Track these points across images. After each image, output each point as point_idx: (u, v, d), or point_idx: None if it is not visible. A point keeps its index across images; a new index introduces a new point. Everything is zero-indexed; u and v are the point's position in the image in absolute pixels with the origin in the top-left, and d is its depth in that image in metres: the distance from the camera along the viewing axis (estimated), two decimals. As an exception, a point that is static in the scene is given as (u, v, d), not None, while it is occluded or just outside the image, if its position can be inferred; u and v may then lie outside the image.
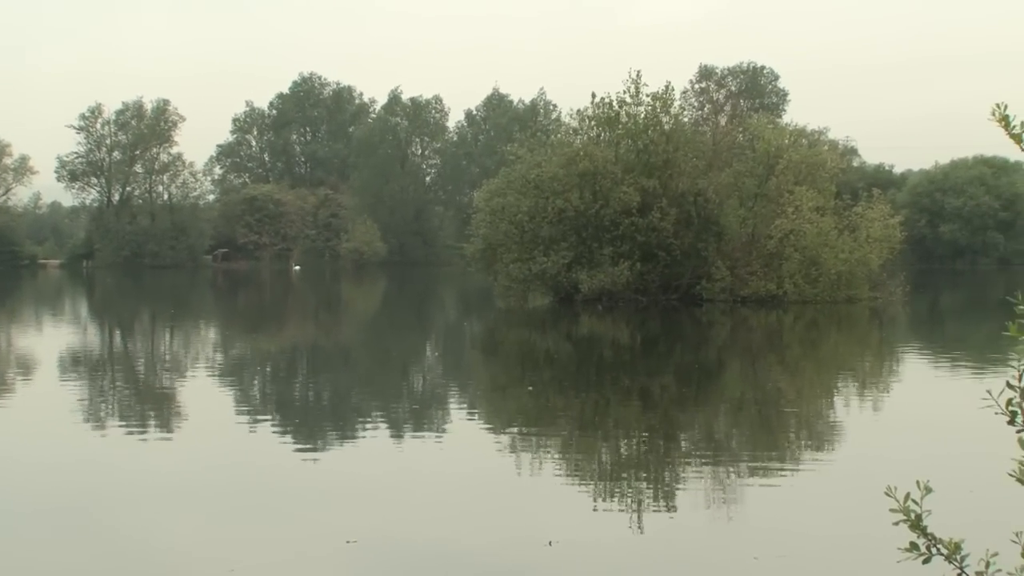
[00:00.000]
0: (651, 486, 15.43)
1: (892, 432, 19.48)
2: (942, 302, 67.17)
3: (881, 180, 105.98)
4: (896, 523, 3.43)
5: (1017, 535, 3.31)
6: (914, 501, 3.42)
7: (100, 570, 11.11)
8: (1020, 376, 3.41)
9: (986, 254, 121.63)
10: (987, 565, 3.43)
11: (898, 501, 3.39)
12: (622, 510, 13.76)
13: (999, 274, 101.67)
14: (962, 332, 44.76)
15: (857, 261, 51.97)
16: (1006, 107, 3.59)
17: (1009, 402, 3.43)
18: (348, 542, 11.68)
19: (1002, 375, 3.35)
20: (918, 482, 3.46)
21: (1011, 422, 3.42)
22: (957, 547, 3.38)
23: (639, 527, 12.78)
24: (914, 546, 3.40)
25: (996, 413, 3.44)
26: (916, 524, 3.37)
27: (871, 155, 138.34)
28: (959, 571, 3.41)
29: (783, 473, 15.85)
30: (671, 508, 13.85)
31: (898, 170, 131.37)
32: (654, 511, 13.78)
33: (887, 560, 3.52)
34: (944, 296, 73.16)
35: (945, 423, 19.84)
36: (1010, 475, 3.39)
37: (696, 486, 15.09)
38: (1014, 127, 3.58)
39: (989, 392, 3.50)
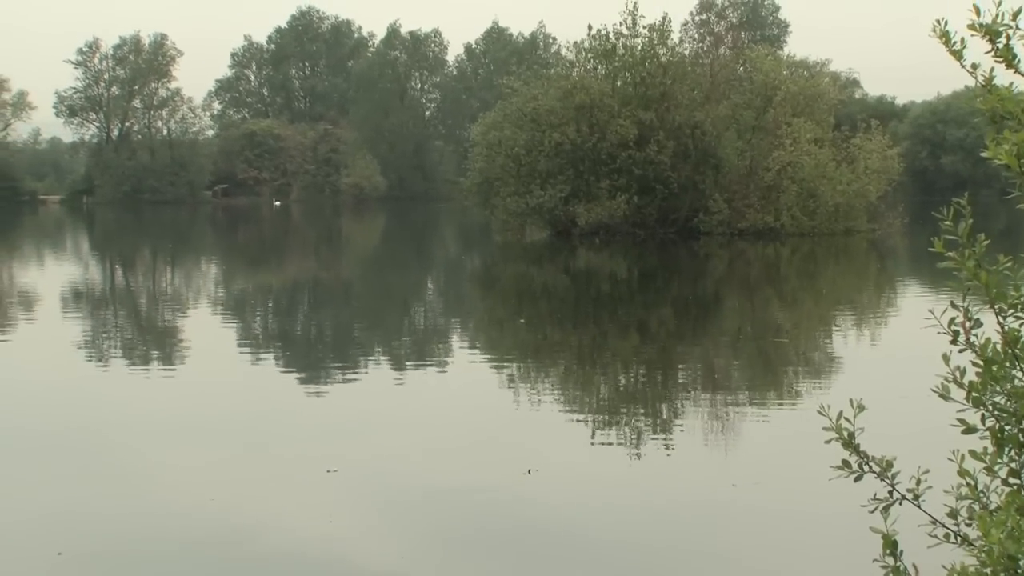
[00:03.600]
0: (648, 418, 15.67)
1: (882, 362, 19.67)
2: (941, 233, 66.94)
3: (883, 112, 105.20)
4: (828, 441, 3.57)
5: (954, 453, 3.44)
6: (847, 419, 3.54)
7: (94, 503, 11.34)
8: (963, 296, 3.53)
9: (988, 186, 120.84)
10: (918, 482, 3.55)
11: (831, 419, 3.52)
12: (620, 442, 13.99)
13: (1001, 205, 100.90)
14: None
15: (855, 193, 51.83)
16: (946, 23, 3.63)
17: (951, 321, 3.56)
18: (329, 471, 11.90)
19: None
20: (851, 400, 3.58)
21: (953, 341, 3.55)
22: (889, 464, 3.53)
23: (637, 456, 13.05)
24: (846, 464, 3.54)
25: (938, 332, 3.58)
26: (848, 442, 3.51)
27: (874, 87, 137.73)
28: (890, 488, 3.54)
29: (778, 405, 16.08)
30: (668, 441, 14.07)
31: (901, 101, 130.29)
32: (652, 441, 14.03)
33: (851, 487, 3.67)
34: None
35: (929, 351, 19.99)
36: (932, 390, 3.52)
37: (692, 419, 15.31)
38: (954, 43, 3.62)
39: (932, 312, 3.64)
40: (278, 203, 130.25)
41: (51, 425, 14.78)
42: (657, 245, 48.93)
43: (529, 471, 11.71)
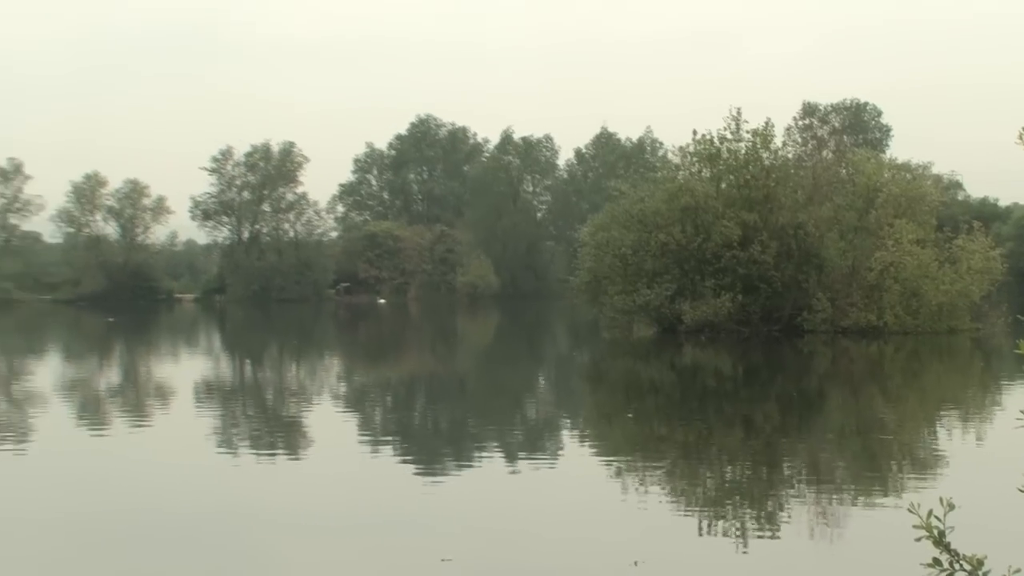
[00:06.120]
0: (753, 512, 15.49)
1: (984, 461, 19.23)
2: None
3: (986, 213, 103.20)
4: (918, 539, 3.58)
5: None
6: (937, 518, 3.55)
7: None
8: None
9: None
10: None
11: (921, 517, 3.54)
12: (726, 535, 13.86)
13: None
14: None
15: (958, 292, 50.97)
16: None
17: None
18: (443, 560, 11.96)
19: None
20: (941, 499, 3.59)
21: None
22: (980, 563, 3.53)
23: (744, 549, 12.91)
24: (937, 562, 3.55)
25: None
26: (939, 540, 3.52)
27: (977, 188, 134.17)
28: None
29: (884, 500, 15.80)
30: (774, 534, 13.89)
31: (1004, 203, 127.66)
32: (757, 534, 13.86)
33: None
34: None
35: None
36: (1020, 490, 3.51)
37: (797, 513, 15.10)
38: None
39: (1023, 411, 3.64)
40: (382, 301, 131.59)
41: (182, 511, 15.11)
42: (761, 342, 48.44)
43: (636, 563, 11.66)
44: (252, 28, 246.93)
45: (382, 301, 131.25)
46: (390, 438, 24.02)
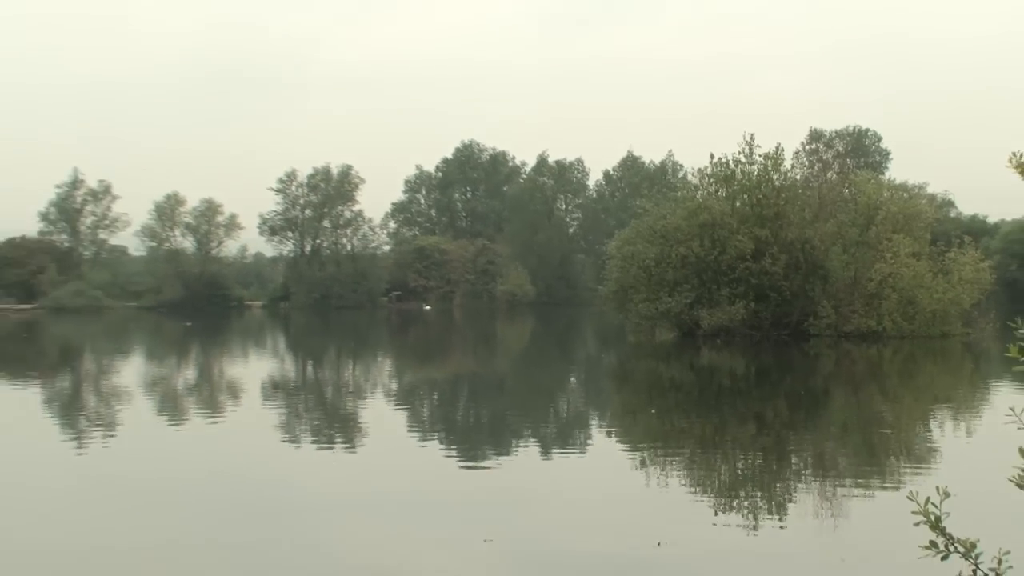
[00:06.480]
0: (764, 498, 15.39)
1: (974, 453, 19.03)
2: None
3: (975, 229, 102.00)
4: (917, 524, 3.54)
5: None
6: (933, 505, 3.51)
7: (283, 560, 11.56)
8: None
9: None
10: (999, 562, 3.50)
11: (919, 504, 3.50)
12: (739, 519, 13.76)
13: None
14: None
15: (950, 301, 50.58)
16: (1022, 155, 3.62)
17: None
18: (485, 541, 11.94)
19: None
20: (937, 488, 3.55)
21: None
22: (972, 545, 3.49)
23: (755, 531, 12.83)
24: (933, 544, 3.51)
25: (1019, 428, 3.55)
26: (935, 525, 3.48)
27: (968, 206, 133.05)
28: (974, 567, 3.49)
29: (883, 488, 15.67)
30: (782, 519, 13.78)
31: (992, 219, 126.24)
32: (767, 519, 13.77)
33: (940, 565, 3.62)
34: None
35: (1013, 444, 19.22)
36: (1010, 480, 3.48)
37: (803, 500, 14.98)
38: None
39: (1012, 409, 3.61)
40: (427, 307, 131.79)
41: (250, 495, 15.21)
42: (771, 346, 48.17)
43: (659, 544, 11.62)
44: (312, 65, 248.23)
45: (427, 308, 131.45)
46: (436, 430, 24.04)
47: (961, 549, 3.49)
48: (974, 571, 3.50)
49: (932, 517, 3.49)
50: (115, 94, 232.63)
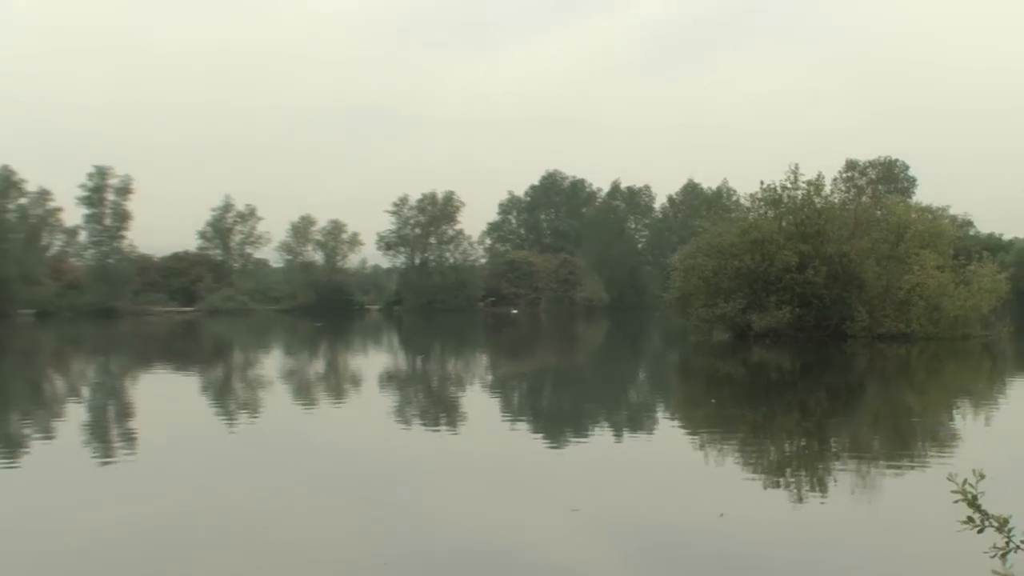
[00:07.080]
0: (808, 476, 15.15)
1: (996, 439, 18.51)
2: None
3: (992, 245, 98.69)
4: (956, 501, 3.47)
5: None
6: (970, 485, 3.43)
7: (383, 521, 11.65)
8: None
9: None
10: None
11: (957, 484, 3.43)
12: (786, 494, 13.57)
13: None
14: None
15: (971, 307, 49.22)
16: None
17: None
18: (573, 510, 11.92)
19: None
20: (974, 470, 3.48)
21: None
22: (1005, 521, 3.40)
23: (801, 506, 12.63)
24: (970, 519, 3.43)
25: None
26: (972, 502, 3.40)
27: (985, 226, 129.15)
28: (1007, 539, 3.40)
29: (912, 469, 15.31)
30: (824, 496, 13.55)
31: (1007, 237, 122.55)
32: (810, 495, 13.55)
33: (975, 538, 3.54)
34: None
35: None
36: None
37: (842, 479, 14.69)
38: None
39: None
40: (515, 311, 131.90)
41: (366, 466, 15.39)
42: (813, 345, 47.31)
43: (721, 514, 11.51)
44: (421, 106, 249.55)
45: (515, 311, 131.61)
46: (525, 414, 24.08)
47: (995, 524, 3.41)
48: (1007, 542, 3.41)
49: (969, 495, 3.41)
50: (263, 130, 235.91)
